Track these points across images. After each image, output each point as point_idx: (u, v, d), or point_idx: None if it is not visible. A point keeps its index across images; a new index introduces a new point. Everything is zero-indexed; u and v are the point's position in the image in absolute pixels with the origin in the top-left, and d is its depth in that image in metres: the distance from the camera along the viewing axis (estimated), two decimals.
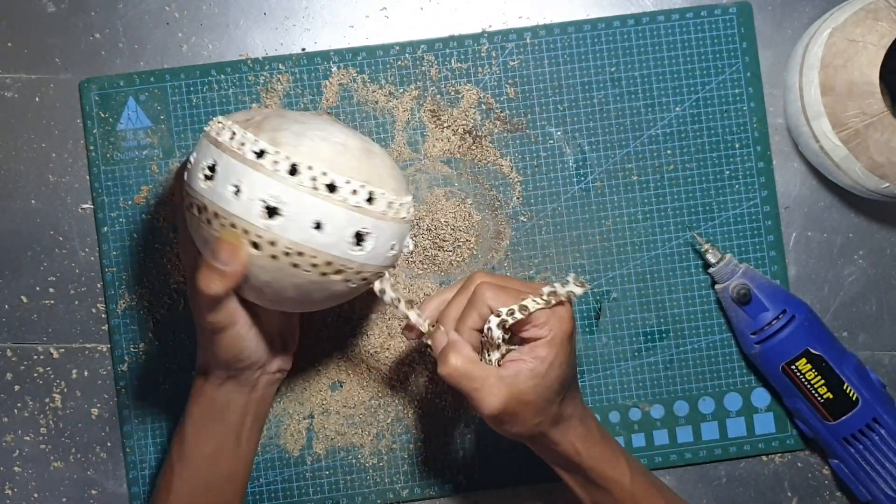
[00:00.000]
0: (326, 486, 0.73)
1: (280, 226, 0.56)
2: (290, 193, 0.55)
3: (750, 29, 0.73)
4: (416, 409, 0.73)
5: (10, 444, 0.73)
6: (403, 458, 0.73)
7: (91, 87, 0.72)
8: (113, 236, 0.73)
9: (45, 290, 0.73)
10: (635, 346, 0.74)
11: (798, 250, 0.74)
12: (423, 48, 0.73)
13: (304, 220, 0.56)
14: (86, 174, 0.73)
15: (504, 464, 0.73)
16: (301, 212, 0.56)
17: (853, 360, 0.70)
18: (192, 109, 0.73)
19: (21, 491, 0.73)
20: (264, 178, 0.55)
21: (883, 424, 0.70)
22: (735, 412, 0.74)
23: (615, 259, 0.73)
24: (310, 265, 0.57)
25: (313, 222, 0.56)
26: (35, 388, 0.73)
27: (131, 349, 0.73)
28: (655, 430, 0.74)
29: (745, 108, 0.73)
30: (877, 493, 0.71)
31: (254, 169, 0.56)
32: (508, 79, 0.73)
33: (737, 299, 0.70)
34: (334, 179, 0.56)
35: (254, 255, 0.56)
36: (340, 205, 0.56)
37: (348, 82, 0.73)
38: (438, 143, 0.73)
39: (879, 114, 0.66)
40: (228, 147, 0.57)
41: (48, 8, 0.73)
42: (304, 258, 0.56)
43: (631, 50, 0.73)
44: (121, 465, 0.73)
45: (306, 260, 0.57)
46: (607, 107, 0.73)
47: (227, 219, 0.56)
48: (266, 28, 0.73)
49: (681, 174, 0.73)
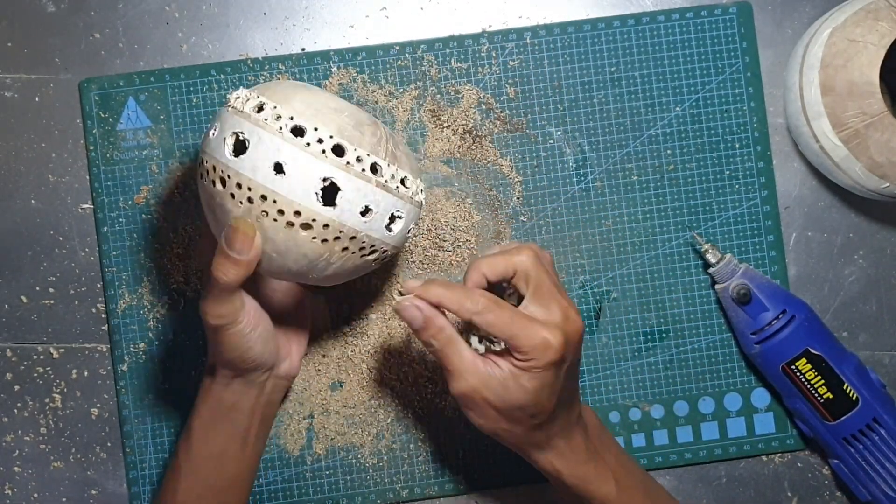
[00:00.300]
0: (326, 486, 0.73)
1: (339, 210, 0.57)
2: (342, 176, 0.57)
3: (750, 29, 0.73)
4: (416, 409, 0.73)
5: (10, 444, 0.73)
6: (403, 458, 0.73)
7: (91, 87, 0.72)
8: (113, 236, 0.73)
9: (45, 290, 0.73)
10: (635, 346, 0.74)
11: (798, 250, 0.74)
12: (423, 48, 0.73)
13: (357, 203, 0.58)
14: (86, 174, 0.73)
15: (504, 464, 0.73)
16: (354, 197, 0.57)
17: (853, 360, 0.70)
18: (192, 109, 0.73)
19: (21, 491, 0.73)
20: (310, 157, 0.57)
21: (883, 424, 0.70)
22: (735, 412, 0.74)
23: (615, 259, 0.73)
24: (357, 248, 0.59)
25: (362, 206, 0.58)
26: (35, 388, 0.73)
27: (131, 349, 0.73)
28: (655, 430, 0.74)
29: (746, 108, 0.73)
30: (877, 493, 0.71)
31: (300, 148, 0.57)
32: (508, 79, 0.73)
33: (737, 299, 0.70)
34: (376, 162, 0.59)
35: (301, 235, 0.57)
36: (382, 188, 0.59)
37: (348, 82, 0.73)
38: (438, 142, 0.73)
39: (879, 114, 0.66)
40: (264, 123, 0.57)
41: (48, 8, 0.73)
42: (356, 241, 0.58)
43: (631, 50, 0.73)
44: (121, 465, 0.73)
45: (356, 243, 0.58)
46: (607, 107, 0.73)
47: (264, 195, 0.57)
48: (266, 28, 0.73)
49: (681, 174, 0.73)
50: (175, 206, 0.73)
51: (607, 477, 0.63)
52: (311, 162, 0.56)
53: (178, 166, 0.73)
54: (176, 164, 0.73)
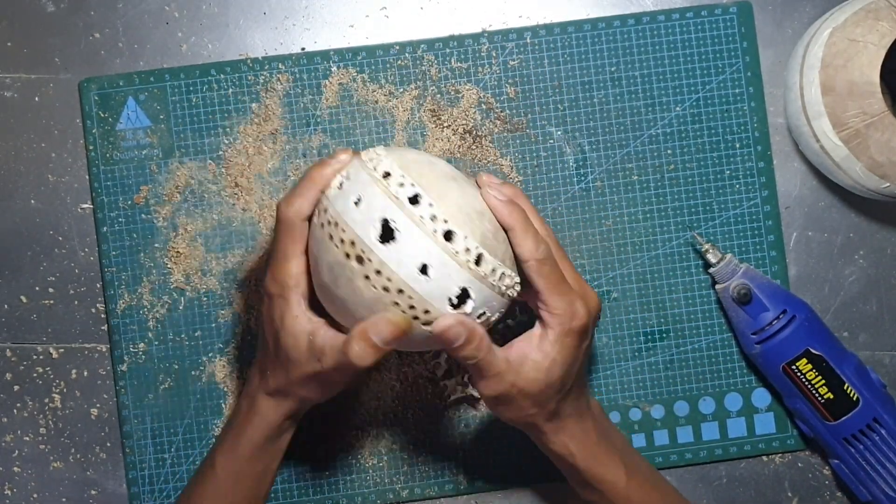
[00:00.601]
0: (326, 487, 0.73)
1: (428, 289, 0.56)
2: (476, 286, 0.57)
3: (750, 28, 0.73)
4: (416, 409, 0.73)
5: (10, 444, 0.73)
6: (403, 458, 0.73)
7: (91, 86, 0.72)
8: (112, 236, 0.73)
9: (45, 290, 0.73)
10: (635, 346, 0.74)
11: (798, 250, 0.74)
12: (423, 48, 0.73)
13: (479, 309, 0.58)
14: (85, 174, 0.73)
15: (504, 464, 0.73)
16: (478, 303, 0.58)
17: (854, 360, 0.70)
18: (192, 109, 0.73)
19: (21, 491, 0.73)
20: (457, 267, 0.56)
21: (883, 424, 0.70)
22: (735, 412, 0.74)
23: (615, 259, 0.73)
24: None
25: (481, 311, 0.58)
26: (35, 388, 0.73)
27: (131, 349, 0.73)
28: (656, 431, 0.74)
29: (746, 108, 0.73)
30: (877, 494, 0.71)
31: (449, 256, 0.56)
32: (508, 78, 0.73)
33: (737, 299, 0.70)
34: (504, 272, 0.58)
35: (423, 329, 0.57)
36: (499, 294, 0.58)
37: (348, 82, 0.73)
38: (438, 142, 0.73)
39: (880, 114, 0.66)
40: (420, 221, 0.56)
41: (48, 8, 0.73)
42: (430, 316, 0.57)
43: (631, 49, 0.73)
44: (120, 465, 0.73)
45: (429, 317, 0.57)
46: (607, 106, 0.73)
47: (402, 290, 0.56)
48: (266, 28, 0.73)
49: (681, 174, 0.73)
50: (175, 206, 0.72)
51: (617, 463, 0.64)
52: (457, 272, 0.56)
53: (178, 166, 0.73)
54: (176, 164, 0.73)
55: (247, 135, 0.72)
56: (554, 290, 0.59)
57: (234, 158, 0.72)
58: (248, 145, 0.73)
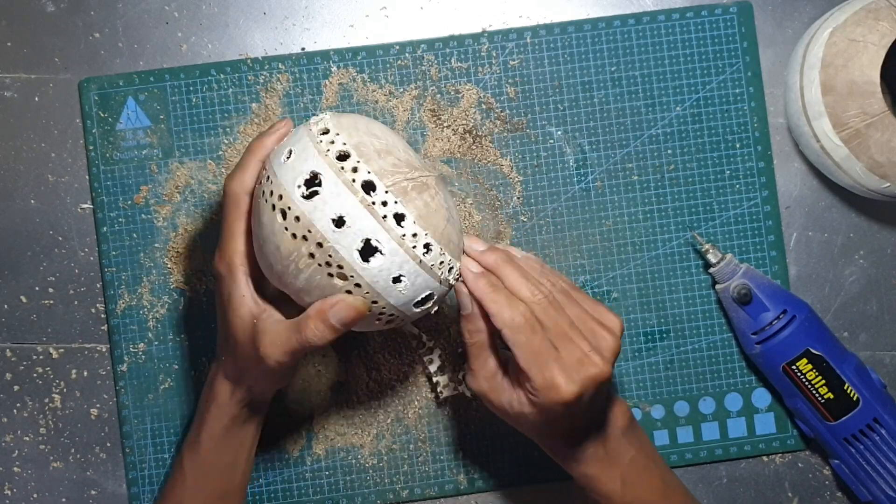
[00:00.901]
0: (326, 487, 0.73)
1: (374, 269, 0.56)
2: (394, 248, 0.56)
3: (750, 28, 0.73)
4: (416, 409, 0.73)
5: (10, 444, 0.73)
6: (403, 458, 0.73)
7: (90, 86, 0.72)
8: (112, 236, 0.73)
9: (45, 290, 0.73)
10: (635, 346, 0.74)
11: (799, 250, 0.74)
12: (423, 48, 0.73)
13: (391, 272, 0.57)
14: (85, 174, 0.73)
15: (504, 464, 0.73)
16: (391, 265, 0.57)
17: (854, 360, 0.70)
18: (192, 109, 0.72)
19: (21, 491, 0.73)
20: (373, 221, 0.56)
21: (884, 424, 0.70)
22: (736, 412, 0.74)
23: (615, 259, 0.73)
24: (388, 315, 0.59)
25: (396, 275, 0.57)
26: (34, 388, 0.73)
27: (131, 349, 0.73)
28: (656, 431, 0.74)
29: (746, 108, 0.73)
30: (877, 494, 0.71)
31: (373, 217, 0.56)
32: (508, 78, 0.73)
33: (737, 299, 0.70)
34: (429, 242, 0.57)
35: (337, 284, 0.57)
36: (428, 271, 0.58)
37: (348, 82, 0.73)
38: (438, 142, 0.73)
39: (880, 113, 0.66)
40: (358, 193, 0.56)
41: (48, 8, 0.73)
42: (378, 305, 0.58)
43: (631, 50, 0.73)
44: (120, 466, 0.73)
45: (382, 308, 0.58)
46: (607, 106, 0.73)
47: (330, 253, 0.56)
48: (266, 28, 0.73)
49: (681, 174, 0.73)
50: (175, 206, 0.72)
51: (613, 476, 0.64)
52: (371, 223, 0.56)
53: (178, 166, 0.72)
54: (176, 164, 0.73)
55: (247, 135, 0.72)
56: (531, 362, 0.58)
57: (234, 158, 0.72)
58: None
